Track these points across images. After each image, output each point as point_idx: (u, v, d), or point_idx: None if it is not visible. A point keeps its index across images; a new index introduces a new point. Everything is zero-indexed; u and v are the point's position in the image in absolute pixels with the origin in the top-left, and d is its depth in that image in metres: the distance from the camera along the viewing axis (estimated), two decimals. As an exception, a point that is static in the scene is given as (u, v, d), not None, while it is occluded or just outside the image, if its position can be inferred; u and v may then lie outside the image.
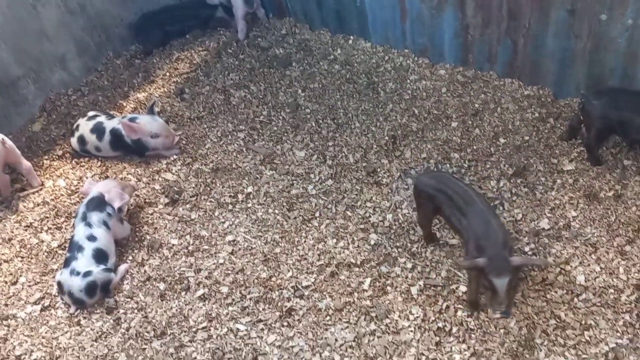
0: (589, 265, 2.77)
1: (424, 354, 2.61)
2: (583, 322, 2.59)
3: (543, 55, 3.43)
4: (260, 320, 2.87)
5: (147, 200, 3.60)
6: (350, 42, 4.41)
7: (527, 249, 2.89)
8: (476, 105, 3.69)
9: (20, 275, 3.33)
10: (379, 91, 3.97)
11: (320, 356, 2.70)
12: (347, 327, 2.78)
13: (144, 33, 4.78)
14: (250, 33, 4.74)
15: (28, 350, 2.94)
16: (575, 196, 3.07)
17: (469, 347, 2.60)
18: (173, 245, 3.32)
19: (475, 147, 3.45)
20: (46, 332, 3.01)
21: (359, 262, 3.04)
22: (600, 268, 2.75)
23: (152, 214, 3.53)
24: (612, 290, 2.66)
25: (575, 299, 2.67)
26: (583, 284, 2.70)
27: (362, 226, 3.22)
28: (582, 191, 3.09)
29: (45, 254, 3.42)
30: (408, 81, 3.97)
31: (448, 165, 3.39)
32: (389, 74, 4.07)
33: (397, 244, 3.09)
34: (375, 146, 3.61)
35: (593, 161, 3.17)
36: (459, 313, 2.72)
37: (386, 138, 3.64)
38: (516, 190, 3.18)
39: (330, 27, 4.49)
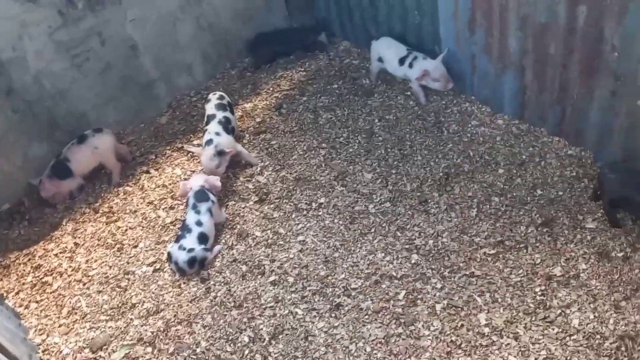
0: (585, 312, 3.32)
1: (435, 359, 3.32)
2: (569, 357, 3.17)
3: (586, 125, 3.92)
4: (314, 309, 3.65)
5: (241, 196, 4.50)
6: (427, 82, 5.06)
7: (537, 289, 3.49)
8: (523, 157, 4.24)
9: (140, 241, 4.36)
10: (443, 130, 4.61)
11: (356, 345, 3.43)
12: (380, 326, 3.50)
13: (256, 50, 5.66)
14: (345, 60, 5.50)
15: (141, 300, 3.93)
16: (589, 252, 3.58)
17: (471, 360, 3.28)
18: (257, 236, 4.18)
19: (514, 194, 4.02)
20: (155, 289, 3.99)
21: (398, 276, 3.74)
22: (594, 316, 3.29)
23: (244, 208, 4.41)
24: (598, 337, 3.20)
25: (568, 338, 3.25)
26: (577, 327, 3.27)
27: (407, 246, 3.91)
28: (597, 248, 3.59)
29: (160, 227, 4.42)
30: (469, 125, 4.57)
31: (488, 206, 4.00)
32: (454, 116, 4.68)
33: (433, 266, 3.75)
34: (430, 180, 4.27)
35: (612, 223, 3.67)
36: (470, 332, 3.39)
37: (441, 174, 4.28)
38: (541, 237, 3.73)
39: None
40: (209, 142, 4.47)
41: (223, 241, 4.19)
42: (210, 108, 4.77)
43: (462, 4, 4.23)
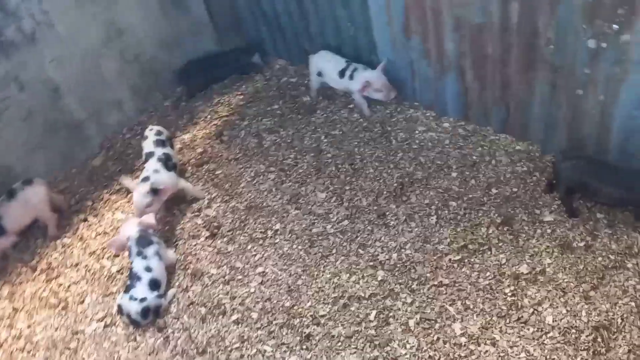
0: (557, 307, 3.28)
1: (415, 378, 3.19)
2: (548, 356, 3.11)
3: (530, 119, 3.94)
4: (284, 344, 3.47)
5: (191, 234, 4.25)
6: (368, 93, 4.98)
7: (507, 290, 3.43)
8: (474, 157, 4.21)
9: (86, 296, 4.03)
10: (391, 140, 4.52)
11: (332, 376, 3.30)
12: (355, 352, 3.35)
13: (187, 78, 5.43)
14: (282, 79, 5.36)
15: (95, 361, 3.63)
16: (551, 245, 3.57)
17: (452, 375, 3.17)
18: (212, 274, 3.95)
19: (470, 196, 3.97)
20: (109, 346, 3.68)
21: (367, 296, 3.61)
22: (567, 310, 3.26)
23: (195, 246, 4.17)
24: (574, 331, 3.17)
25: (544, 336, 3.20)
26: (551, 324, 3.23)
27: (371, 263, 3.78)
28: (558, 241, 3.58)
29: (106, 277, 4.11)
30: (416, 132, 4.52)
31: (446, 211, 3.94)
32: (401, 124, 4.62)
33: (400, 281, 3.64)
34: (385, 191, 4.17)
35: (569, 213, 3.68)
36: (447, 345, 3.28)
37: (395, 184, 4.19)
38: (502, 237, 3.69)
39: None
40: (146, 179, 4.19)
41: (177, 284, 3.93)
42: (147, 145, 4.49)
43: (394, 11, 4.18)
